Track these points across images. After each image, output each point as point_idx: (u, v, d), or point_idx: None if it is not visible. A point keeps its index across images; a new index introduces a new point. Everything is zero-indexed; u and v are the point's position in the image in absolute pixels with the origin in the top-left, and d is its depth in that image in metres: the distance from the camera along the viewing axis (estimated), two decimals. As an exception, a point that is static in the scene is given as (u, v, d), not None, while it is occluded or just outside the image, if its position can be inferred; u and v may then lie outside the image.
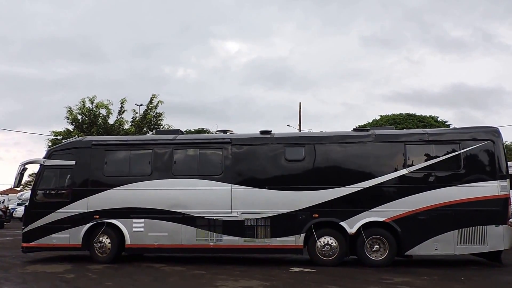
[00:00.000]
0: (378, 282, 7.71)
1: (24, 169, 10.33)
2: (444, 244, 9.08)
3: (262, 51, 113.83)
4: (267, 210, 9.53)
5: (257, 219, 9.55)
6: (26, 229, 10.09)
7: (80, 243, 9.84)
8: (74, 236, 9.88)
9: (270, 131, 10.43)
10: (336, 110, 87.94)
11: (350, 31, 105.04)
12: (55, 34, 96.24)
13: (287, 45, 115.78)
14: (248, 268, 9.19)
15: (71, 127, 25.25)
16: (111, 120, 25.46)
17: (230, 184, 9.74)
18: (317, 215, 9.43)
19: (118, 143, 10.61)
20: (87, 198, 9.98)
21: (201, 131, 38.62)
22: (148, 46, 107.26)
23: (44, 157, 10.41)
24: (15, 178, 10.17)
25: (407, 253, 9.22)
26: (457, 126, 30.18)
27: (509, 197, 9.21)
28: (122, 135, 19.81)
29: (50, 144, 26.01)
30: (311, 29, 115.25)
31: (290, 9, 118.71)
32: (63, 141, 11.18)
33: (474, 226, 9.04)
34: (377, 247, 9.29)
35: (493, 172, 9.24)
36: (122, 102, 25.54)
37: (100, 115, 24.99)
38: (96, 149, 10.30)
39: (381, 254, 9.28)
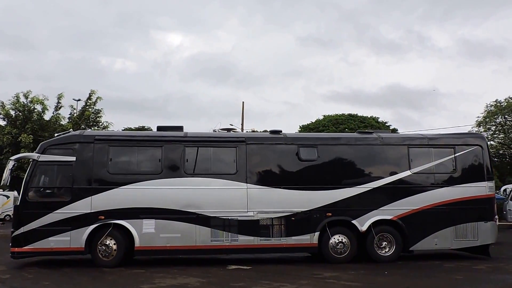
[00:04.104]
0: (309, 277, 8.24)
1: (14, 165, 9.23)
2: (442, 240, 9.96)
3: (205, 45, 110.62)
4: (282, 209, 9.63)
5: (272, 218, 9.60)
6: (16, 232, 9.00)
7: (83, 246, 9.05)
8: (75, 238, 9.06)
9: (281, 131, 10.53)
10: (279, 109, 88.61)
11: (290, 30, 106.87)
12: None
13: (230, 40, 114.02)
14: (186, 267, 9.29)
15: (3, 123, 23.19)
16: (47, 116, 23.72)
17: (246, 184, 9.66)
18: (330, 214, 9.75)
19: (123, 139, 9.99)
20: (90, 197, 9.22)
21: (141, 128, 36.70)
22: (83, 35, 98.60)
23: (37, 152, 9.39)
24: (5, 175, 9.04)
25: (411, 248, 9.94)
26: (395, 127, 32.81)
27: (495, 196, 10.40)
28: (59, 131, 18.45)
29: None
30: (253, 26, 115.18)
31: (233, 4, 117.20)
32: (56, 135, 10.14)
33: (467, 223, 10.06)
34: (385, 244, 9.88)
35: (482, 174, 10.36)
36: (59, 97, 23.88)
37: (36, 110, 23.18)
38: (100, 145, 9.56)
39: (388, 250, 9.89)
